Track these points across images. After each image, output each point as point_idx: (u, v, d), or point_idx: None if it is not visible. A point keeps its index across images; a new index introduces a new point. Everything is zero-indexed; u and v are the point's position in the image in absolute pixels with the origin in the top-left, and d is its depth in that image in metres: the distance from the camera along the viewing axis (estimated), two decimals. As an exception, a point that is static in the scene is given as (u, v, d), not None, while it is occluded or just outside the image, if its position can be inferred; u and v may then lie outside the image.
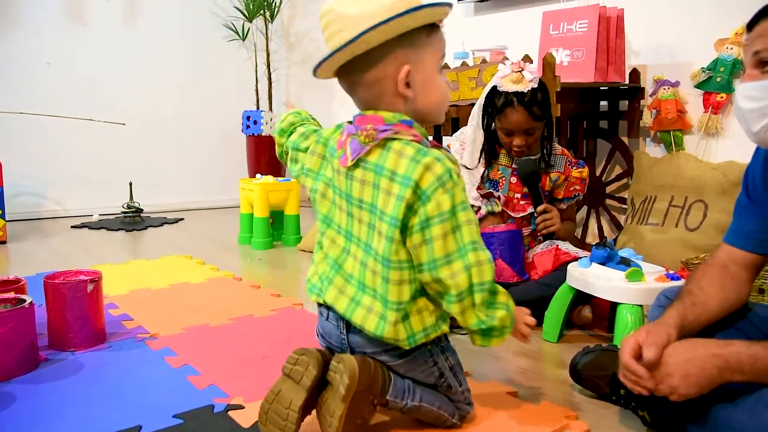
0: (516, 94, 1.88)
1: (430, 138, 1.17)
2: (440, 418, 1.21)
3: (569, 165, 2.05)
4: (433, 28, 1.11)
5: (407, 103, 1.12)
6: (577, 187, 2.06)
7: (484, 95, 1.99)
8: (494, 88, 1.94)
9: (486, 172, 2.03)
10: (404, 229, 1.08)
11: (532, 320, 1.25)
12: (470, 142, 2.04)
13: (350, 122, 1.17)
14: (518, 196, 2.03)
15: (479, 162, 2.02)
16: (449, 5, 1.10)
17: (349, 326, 1.18)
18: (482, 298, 1.09)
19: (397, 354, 1.17)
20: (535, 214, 1.98)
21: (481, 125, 2.01)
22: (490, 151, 2.03)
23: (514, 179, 2.03)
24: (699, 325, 1.14)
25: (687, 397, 1.03)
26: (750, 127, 1.05)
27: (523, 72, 1.90)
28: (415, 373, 1.20)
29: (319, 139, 1.25)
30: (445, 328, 1.17)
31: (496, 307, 1.12)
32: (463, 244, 1.08)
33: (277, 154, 1.45)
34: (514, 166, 2.03)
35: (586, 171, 2.06)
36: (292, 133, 1.37)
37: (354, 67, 1.10)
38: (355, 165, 1.13)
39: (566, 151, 2.08)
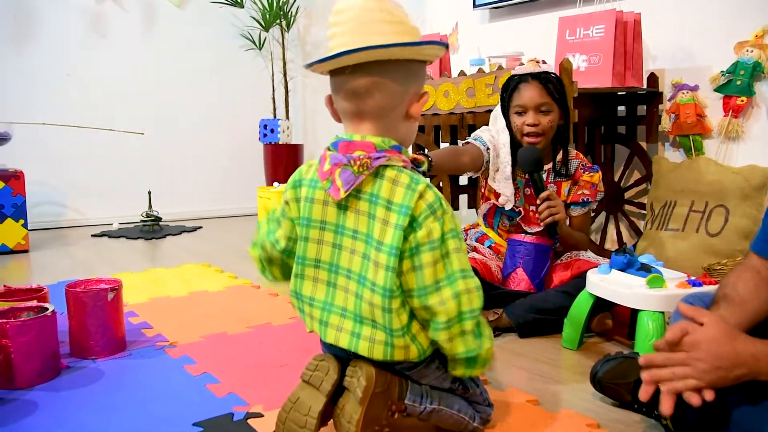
0: (530, 73, 1.91)
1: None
2: (460, 422, 1.20)
3: (581, 169, 2.01)
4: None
5: (404, 125, 1.15)
6: (587, 192, 1.98)
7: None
8: (510, 77, 1.96)
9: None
10: (401, 257, 1.08)
11: None
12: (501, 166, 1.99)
13: (329, 149, 1.13)
14: (533, 208, 1.98)
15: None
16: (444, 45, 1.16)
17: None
18: (472, 326, 1.09)
19: (408, 366, 1.16)
20: (538, 201, 1.89)
21: (504, 125, 1.99)
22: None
23: (528, 190, 1.99)
24: (740, 328, 1.12)
25: (705, 386, 1.01)
26: None
27: (540, 64, 1.92)
28: (428, 380, 1.19)
29: (287, 189, 1.19)
30: None
31: (484, 336, 1.13)
32: (453, 271, 1.08)
33: (260, 271, 1.29)
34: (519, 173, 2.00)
35: (597, 176, 2.00)
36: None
37: (387, 71, 1.09)
38: (347, 195, 1.10)
39: (580, 155, 2.04)
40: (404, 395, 1.15)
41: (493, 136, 2.02)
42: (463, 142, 2.07)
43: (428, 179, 1.13)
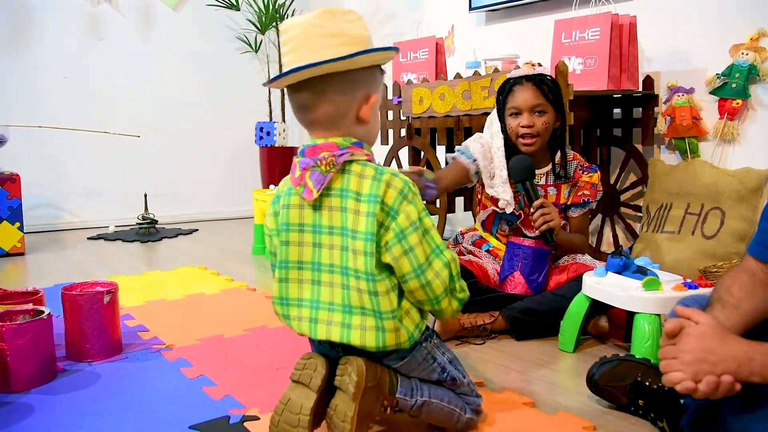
0: (525, 75, 1.91)
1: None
2: (451, 415, 1.22)
3: (580, 170, 2.01)
4: (382, 70, 1.23)
5: (359, 128, 1.19)
6: (587, 192, 1.98)
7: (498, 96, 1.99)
8: (506, 80, 1.97)
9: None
10: (377, 245, 1.12)
11: None
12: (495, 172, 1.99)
13: (298, 156, 1.18)
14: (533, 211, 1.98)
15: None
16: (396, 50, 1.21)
17: (344, 346, 1.18)
18: (461, 285, 1.21)
19: (396, 357, 1.18)
20: (531, 210, 1.86)
21: (500, 128, 1.98)
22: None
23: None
24: (734, 330, 1.12)
25: (688, 379, 1.00)
26: None
27: (536, 66, 1.93)
28: (417, 372, 1.22)
29: (270, 206, 1.27)
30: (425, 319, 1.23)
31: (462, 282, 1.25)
32: (436, 245, 1.17)
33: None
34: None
35: (596, 176, 2.00)
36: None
37: (328, 85, 1.13)
38: (319, 195, 1.14)
39: (578, 156, 2.04)
40: (395, 389, 1.17)
41: (486, 143, 2.01)
42: (451, 156, 2.08)
43: (397, 170, 1.20)
